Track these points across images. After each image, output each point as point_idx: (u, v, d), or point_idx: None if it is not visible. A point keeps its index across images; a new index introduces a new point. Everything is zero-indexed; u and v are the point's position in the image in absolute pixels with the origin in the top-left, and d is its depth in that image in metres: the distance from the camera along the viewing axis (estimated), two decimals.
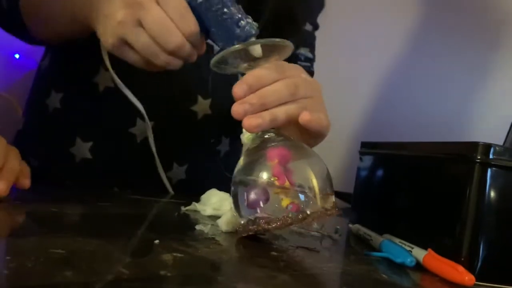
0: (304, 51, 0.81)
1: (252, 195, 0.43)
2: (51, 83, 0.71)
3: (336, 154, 1.28)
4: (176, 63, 0.50)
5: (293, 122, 0.49)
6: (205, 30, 0.49)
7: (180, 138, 0.71)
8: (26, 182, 0.51)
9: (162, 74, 0.68)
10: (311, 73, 0.83)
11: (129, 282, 0.28)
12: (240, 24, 0.47)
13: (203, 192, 0.73)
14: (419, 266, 0.44)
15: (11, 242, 0.34)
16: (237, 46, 0.46)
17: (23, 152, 0.72)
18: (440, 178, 0.49)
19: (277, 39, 0.47)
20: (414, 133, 1.31)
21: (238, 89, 0.46)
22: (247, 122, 0.45)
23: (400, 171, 0.58)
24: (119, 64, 0.62)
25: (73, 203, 0.54)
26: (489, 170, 0.43)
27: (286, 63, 0.51)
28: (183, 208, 0.57)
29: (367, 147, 0.67)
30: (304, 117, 0.47)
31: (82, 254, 0.32)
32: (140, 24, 0.46)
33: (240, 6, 0.48)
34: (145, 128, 0.68)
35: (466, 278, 0.40)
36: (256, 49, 0.47)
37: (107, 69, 0.66)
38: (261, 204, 0.42)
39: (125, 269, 0.30)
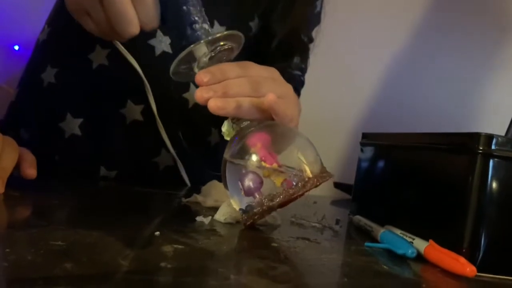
0: (296, 60, 0.82)
1: (247, 183, 0.43)
2: (48, 58, 0.72)
3: (337, 145, 1.28)
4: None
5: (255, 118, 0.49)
6: (163, 20, 0.48)
7: (170, 125, 0.71)
8: (32, 172, 0.51)
9: (156, 57, 0.68)
10: (301, 82, 0.85)
11: (129, 274, 0.28)
12: (194, 26, 0.46)
13: (189, 181, 0.74)
14: (420, 257, 0.44)
15: (10, 234, 0.34)
16: (186, 50, 0.46)
17: (14, 123, 0.73)
18: (442, 169, 0.49)
19: (224, 32, 0.47)
20: (416, 124, 1.31)
21: (202, 75, 0.46)
22: (212, 103, 0.45)
23: (401, 162, 0.58)
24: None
25: (73, 195, 0.54)
26: (491, 161, 0.43)
27: (252, 63, 0.52)
28: (183, 200, 0.57)
29: (368, 138, 0.67)
30: (270, 97, 0.47)
31: (82, 246, 0.32)
32: (102, 1, 0.46)
33: (202, 9, 0.48)
34: (134, 111, 0.69)
35: (468, 269, 0.40)
36: (202, 49, 0.47)
37: (103, 47, 0.67)
38: (258, 189, 0.43)
39: (125, 261, 0.30)
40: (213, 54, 0.48)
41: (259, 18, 0.78)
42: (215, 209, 0.51)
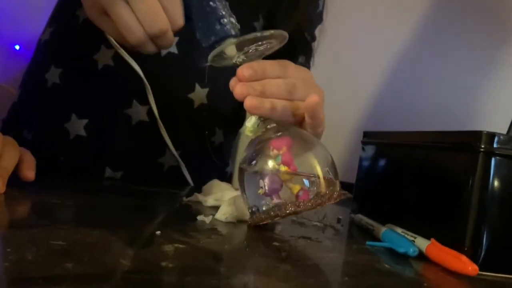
0: (300, 59, 0.83)
1: (269, 183, 0.43)
2: (51, 58, 0.71)
3: (339, 144, 1.28)
4: (151, 49, 0.48)
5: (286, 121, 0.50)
6: (186, 18, 0.48)
7: (175, 125, 0.71)
8: (30, 175, 0.50)
9: (162, 58, 0.69)
10: None
11: (130, 273, 0.28)
12: (222, 21, 0.46)
13: (193, 180, 0.74)
14: (422, 256, 0.44)
15: (11, 234, 0.33)
16: (233, 40, 0.46)
17: (17, 124, 0.73)
18: (444, 167, 0.49)
19: (271, 31, 0.47)
20: (417, 123, 1.30)
21: (244, 70, 0.47)
22: (249, 101, 0.46)
23: (403, 161, 0.57)
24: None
25: (74, 195, 0.53)
26: (493, 159, 0.43)
27: (292, 63, 0.52)
28: (184, 199, 0.57)
29: (369, 136, 0.67)
30: (314, 98, 0.48)
31: (83, 246, 0.32)
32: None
33: (227, 4, 0.48)
34: (139, 111, 0.69)
35: (470, 268, 0.40)
36: (230, 50, 0.47)
37: (108, 47, 0.66)
38: (277, 191, 0.43)
39: (127, 261, 0.30)
40: (260, 48, 0.48)
41: (264, 18, 0.78)
42: (216, 208, 0.51)
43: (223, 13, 0.47)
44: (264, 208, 0.44)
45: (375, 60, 1.34)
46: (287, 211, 0.42)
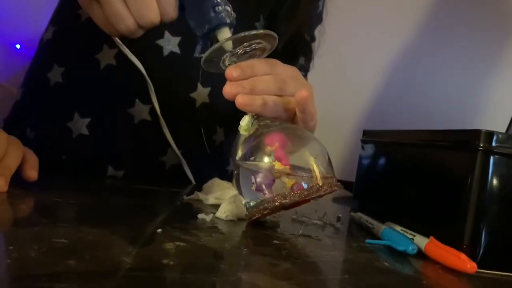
0: (301, 60, 0.83)
1: (259, 179, 0.44)
2: (54, 57, 0.71)
3: (339, 143, 1.28)
4: (138, 35, 0.48)
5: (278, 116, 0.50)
6: (180, 5, 0.47)
7: (176, 124, 0.72)
8: (33, 174, 0.51)
9: (165, 57, 0.69)
10: None
11: (132, 271, 0.28)
12: (217, 9, 0.46)
13: (194, 179, 0.74)
14: (421, 254, 0.44)
15: (13, 232, 0.34)
16: (223, 41, 0.46)
17: (19, 123, 0.73)
18: (443, 166, 0.49)
19: (261, 30, 0.47)
20: (416, 122, 1.31)
21: (232, 70, 0.47)
22: (240, 99, 0.46)
23: (402, 159, 0.58)
24: (123, 42, 0.62)
25: (76, 193, 0.54)
26: (491, 158, 0.43)
27: (279, 62, 0.52)
28: (185, 197, 0.58)
29: (368, 135, 0.67)
30: (303, 94, 0.48)
31: (85, 244, 0.32)
32: None
33: None
34: (142, 111, 0.69)
35: (468, 265, 0.40)
36: (227, 44, 0.47)
37: (110, 46, 0.67)
38: (270, 186, 0.44)
39: (128, 258, 0.30)
40: (248, 50, 0.48)
41: (265, 19, 0.78)
42: (216, 206, 0.51)
43: (218, 0, 0.46)
44: (253, 203, 0.44)
45: (375, 60, 1.34)
46: (276, 204, 0.43)
